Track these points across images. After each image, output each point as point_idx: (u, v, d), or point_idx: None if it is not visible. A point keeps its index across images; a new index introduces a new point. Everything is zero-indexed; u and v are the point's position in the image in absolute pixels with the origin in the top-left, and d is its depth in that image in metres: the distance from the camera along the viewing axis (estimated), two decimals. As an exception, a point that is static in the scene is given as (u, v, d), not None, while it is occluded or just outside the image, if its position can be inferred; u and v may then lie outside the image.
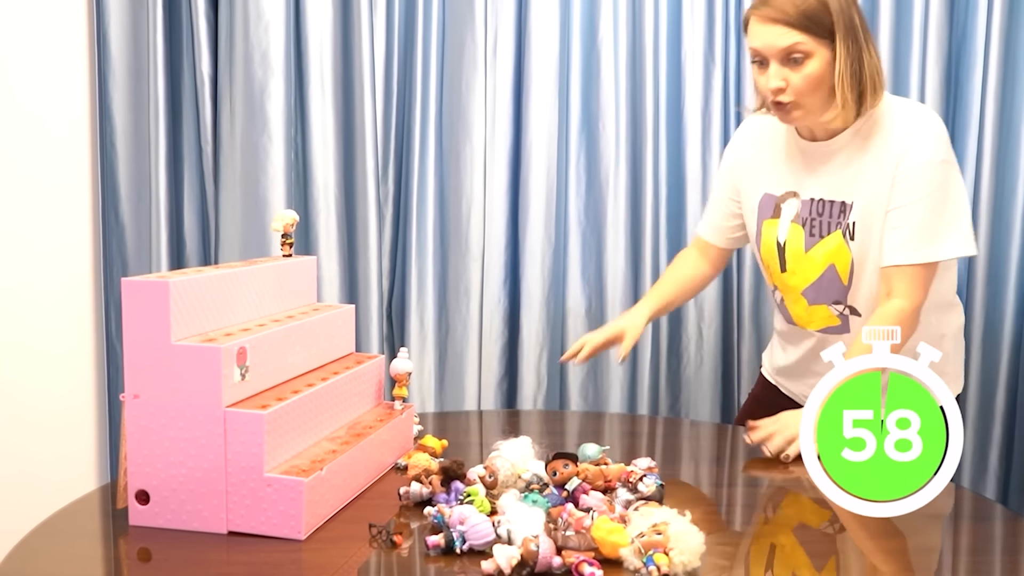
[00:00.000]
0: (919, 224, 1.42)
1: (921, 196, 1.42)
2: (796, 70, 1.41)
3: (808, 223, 1.52)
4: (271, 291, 1.28)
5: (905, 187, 1.42)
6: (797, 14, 1.39)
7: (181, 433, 1.06)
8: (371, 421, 1.30)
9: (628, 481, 1.17)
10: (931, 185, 1.42)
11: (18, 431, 1.85)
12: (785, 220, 1.56)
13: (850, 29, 1.41)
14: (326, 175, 2.09)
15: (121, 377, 1.84)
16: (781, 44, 1.40)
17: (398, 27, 2.14)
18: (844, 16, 1.40)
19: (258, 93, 2.02)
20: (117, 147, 2.07)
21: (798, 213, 1.54)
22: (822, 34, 1.40)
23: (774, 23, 1.40)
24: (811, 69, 1.41)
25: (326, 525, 1.10)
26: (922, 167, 1.42)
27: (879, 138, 1.45)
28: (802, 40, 1.39)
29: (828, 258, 1.51)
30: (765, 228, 1.59)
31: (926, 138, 1.43)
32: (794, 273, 1.56)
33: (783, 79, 1.42)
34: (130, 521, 1.09)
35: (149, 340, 1.05)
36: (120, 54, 2.05)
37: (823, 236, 1.51)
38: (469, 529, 1.02)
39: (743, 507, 1.24)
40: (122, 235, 2.10)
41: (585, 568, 0.95)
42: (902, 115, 1.46)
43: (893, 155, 1.43)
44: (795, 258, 1.55)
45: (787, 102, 1.43)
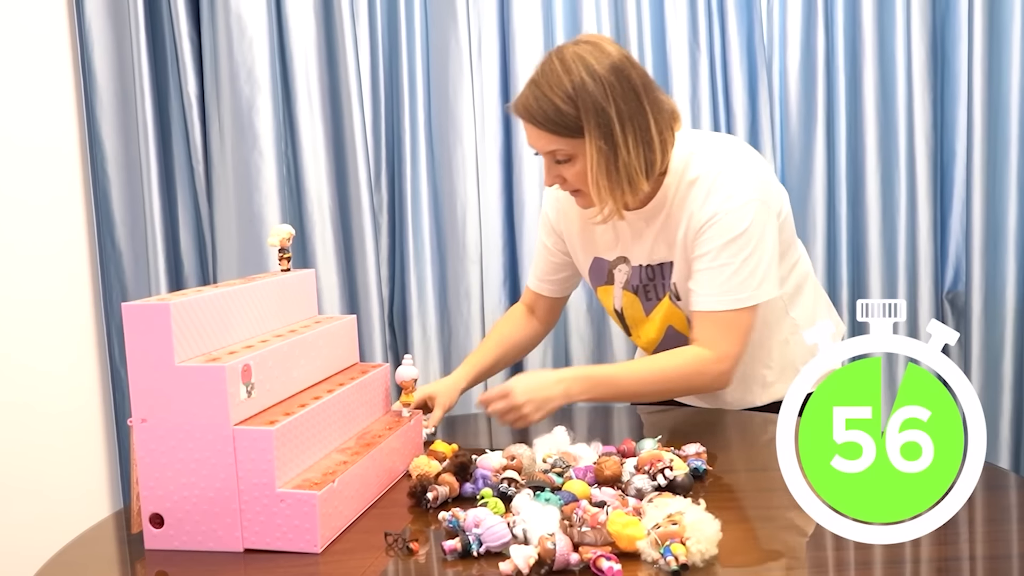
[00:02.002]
0: (721, 271, 1.36)
1: (722, 243, 1.35)
2: (566, 169, 1.36)
3: (642, 290, 1.49)
4: (272, 306, 1.28)
5: (707, 237, 1.36)
6: (544, 119, 1.32)
7: (191, 454, 1.06)
8: (380, 430, 1.30)
9: (647, 469, 1.17)
10: (729, 234, 1.35)
11: (28, 463, 1.85)
12: (618, 288, 1.51)
13: (601, 127, 1.31)
14: (319, 187, 2.09)
15: (127, 402, 1.84)
16: (542, 148, 1.36)
17: (381, 34, 2.14)
18: (595, 114, 1.31)
19: (246, 110, 2.02)
20: (109, 173, 2.07)
21: (628, 280, 1.49)
22: (576, 134, 1.32)
23: (529, 124, 1.35)
24: (579, 167, 1.35)
25: (342, 536, 1.10)
26: (721, 216, 1.35)
27: (684, 197, 1.39)
28: (558, 144, 1.34)
29: (665, 320, 1.48)
30: (601, 294, 1.55)
31: (720, 189, 1.36)
32: (639, 337, 1.55)
33: (557, 176, 1.38)
34: (146, 545, 1.09)
35: (153, 363, 1.05)
36: (106, 80, 2.05)
37: (659, 299, 1.48)
38: (485, 531, 1.02)
39: (767, 492, 1.24)
40: (119, 260, 2.10)
41: (603, 563, 0.95)
42: (702, 169, 1.38)
43: (689, 211, 1.38)
44: (636, 323, 1.53)
45: (576, 190, 1.39)
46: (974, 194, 2.08)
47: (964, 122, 2.12)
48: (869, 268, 2.16)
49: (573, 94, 1.31)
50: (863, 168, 2.15)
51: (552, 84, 1.32)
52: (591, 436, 1.34)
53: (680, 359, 1.40)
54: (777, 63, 2.18)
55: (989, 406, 2.16)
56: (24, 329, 1.86)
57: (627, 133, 1.33)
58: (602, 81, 1.31)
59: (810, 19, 2.13)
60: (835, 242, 2.18)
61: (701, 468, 1.23)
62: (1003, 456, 2.15)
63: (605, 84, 1.31)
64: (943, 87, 2.15)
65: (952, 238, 2.22)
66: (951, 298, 2.23)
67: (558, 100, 1.31)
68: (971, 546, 1.07)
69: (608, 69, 1.32)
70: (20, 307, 1.85)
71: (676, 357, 1.41)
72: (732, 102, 2.14)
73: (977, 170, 2.08)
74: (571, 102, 1.31)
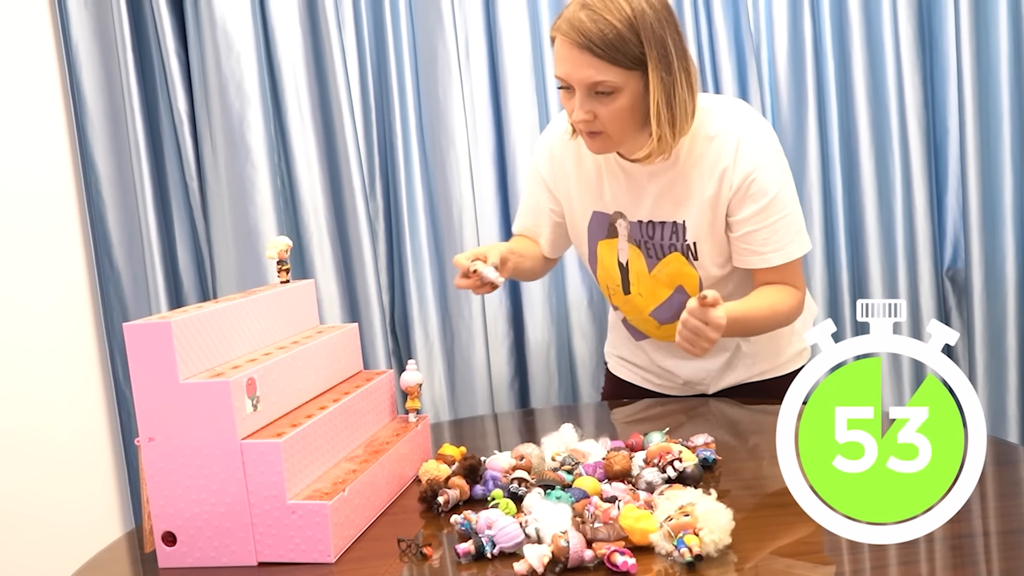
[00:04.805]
0: (776, 226, 1.39)
1: (768, 200, 1.37)
2: (604, 103, 1.28)
3: (643, 244, 1.45)
4: (273, 319, 1.28)
5: (751, 194, 1.37)
6: (604, 44, 1.23)
7: (200, 470, 1.06)
8: (387, 436, 1.30)
9: (657, 462, 1.17)
10: (772, 189, 1.37)
11: (38, 491, 1.85)
12: (623, 240, 1.47)
13: (663, 59, 1.26)
14: (314, 198, 2.09)
15: (134, 422, 1.84)
16: (587, 78, 1.26)
17: (368, 41, 2.14)
18: (657, 44, 1.25)
19: (237, 124, 2.02)
20: (103, 194, 2.07)
21: (630, 234, 1.46)
22: (632, 65, 1.25)
23: (580, 50, 1.25)
24: (620, 103, 1.28)
25: (355, 545, 1.10)
26: (758, 172, 1.36)
27: (703, 154, 1.37)
28: (610, 75, 1.25)
29: (674, 279, 1.45)
30: (602, 249, 1.50)
31: (751, 145, 1.36)
32: (640, 295, 1.50)
33: (590, 111, 1.29)
34: (159, 564, 1.09)
35: (157, 381, 1.05)
36: (95, 101, 2.05)
37: (660, 258, 1.45)
38: (498, 533, 1.02)
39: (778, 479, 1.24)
40: (118, 280, 2.10)
41: (617, 557, 0.95)
42: (722, 126, 1.37)
43: (719, 169, 1.36)
44: (639, 280, 1.48)
45: (597, 132, 1.32)
46: (969, 170, 2.08)
47: (955, 99, 2.12)
48: (868, 250, 2.16)
49: (635, 22, 1.23)
50: (856, 151, 2.15)
51: (612, 8, 1.24)
52: (599, 432, 1.34)
53: (787, 297, 1.42)
54: (765, 50, 2.18)
55: (995, 382, 2.16)
56: (27, 357, 1.86)
57: (681, 71, 1.28)
58: (659, 12, 1.26)
59: (796, 4, 2.13)
60: (833, 226, 2.18)
61: (711, 458, 1.23)
62: (1012, 431, 2.15)
63: (662, 16, 1.26)
64: (932, 65, 2.15)
65: (949, 215, 2.22)
66: (951, 275, 2.23)
67: (621, 26, 1.23)
68: (984, 522, 1.08)
69: (661, 4, 1.28)
70: (22, 335, 1.85)
71: (782, 295, 1.42)
72: (722, 90, 2.14)
73: (971, 146, 2.08)
74: (633, 30, 1.23)
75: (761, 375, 1.59)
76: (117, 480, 2.10)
